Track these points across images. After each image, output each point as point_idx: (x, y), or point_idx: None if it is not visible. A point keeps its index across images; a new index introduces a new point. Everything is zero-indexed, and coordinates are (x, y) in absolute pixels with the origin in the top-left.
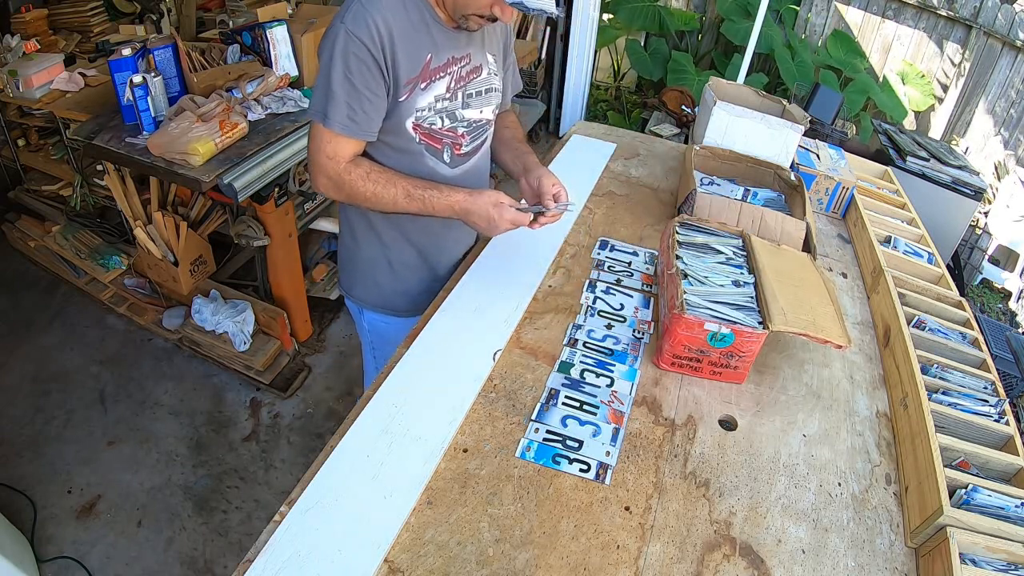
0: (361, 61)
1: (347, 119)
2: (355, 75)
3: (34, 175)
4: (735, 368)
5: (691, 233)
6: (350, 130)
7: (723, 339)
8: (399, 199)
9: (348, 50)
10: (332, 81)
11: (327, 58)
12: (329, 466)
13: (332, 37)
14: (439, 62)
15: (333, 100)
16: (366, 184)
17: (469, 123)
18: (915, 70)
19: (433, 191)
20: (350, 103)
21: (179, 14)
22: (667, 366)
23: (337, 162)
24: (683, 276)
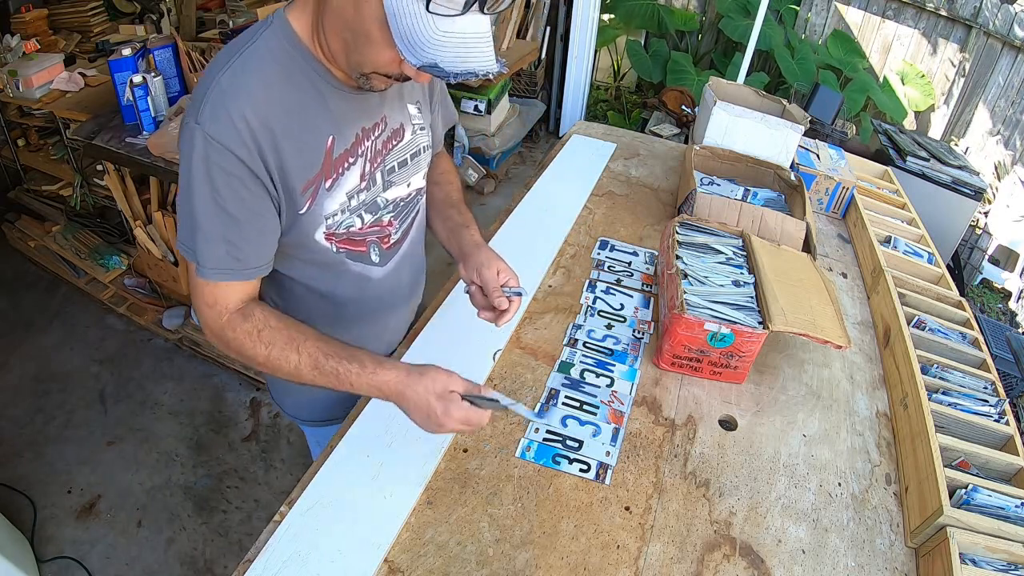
0: (231, 176)
1: (225, 257)
2: (226, 198)
3: (34, 175)
4: (735, 368)
5: (691, 233)
6: (230, 274)
7: (723, 339)
8: (303, 369)
9: (211, 161)
10: (196, 208)
11: (185, 171)
12: (329, 466)
13: (188, 142)
14: (345, 144)
15: (202, 235)
16: (256, 346)
17: (395, 204)
18: (915, 70)
19: (352, 364)
20: (227, 236)
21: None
22: (667, 366)
23: (219, 312)
24: (683, 276)
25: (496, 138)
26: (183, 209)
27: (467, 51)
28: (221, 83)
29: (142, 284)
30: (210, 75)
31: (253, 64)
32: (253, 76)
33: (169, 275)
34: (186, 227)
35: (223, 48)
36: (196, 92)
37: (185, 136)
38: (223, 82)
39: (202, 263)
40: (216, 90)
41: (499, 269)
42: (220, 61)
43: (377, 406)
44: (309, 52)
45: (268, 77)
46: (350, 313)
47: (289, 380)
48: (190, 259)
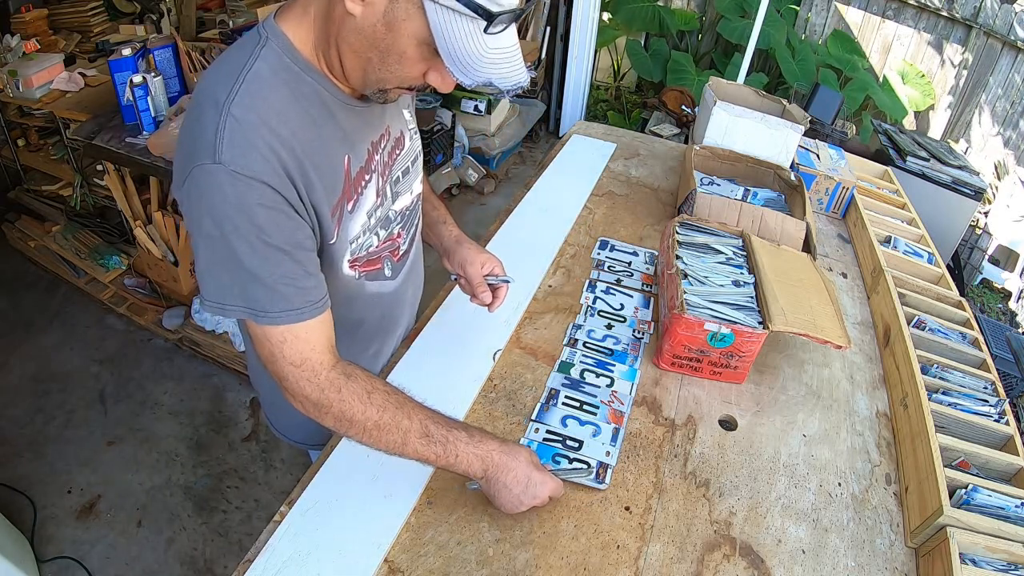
0: (272, 210)
1: (294, 297)
2: (272, 234)
3: (34, 175)
4: (735, 368)
5: (691, 233)
6: (305, 311)
7: (723, 339)
8: (411, 437)
9: (246, 200)
10: (241, 256)
11: (213, 223)
12: (329, 466)
13: (209, 188)
14: (360, 161)
15: (259, 283)
16: (368, 409)
17: (402, 215)
18: (915, 70)
19: (460, 432)
20: (286, 275)
21: (179, 14)
22: (667, 366)
23: (313, 370)
24: (683, 276)
25: (496, 138)
26: (220, 266)
27: (512, 65)
28: (234, 114)
29: (142, 284)
30: (211, 108)
31: (259, 89)
32: (265, 102)
33: (169, 275)
34: (232, 285)
35: (211, 72)
36: (198, 131)
37: (203, 183)
38: (235, 113)
39: (270, 311)
40: (231, 123)
41: (482, 262)
42: (219, 90)
43: None
44: (313, 67)
45: (279, 100)
46: (365, 332)
47: (387, 451)
48: (254, 317)
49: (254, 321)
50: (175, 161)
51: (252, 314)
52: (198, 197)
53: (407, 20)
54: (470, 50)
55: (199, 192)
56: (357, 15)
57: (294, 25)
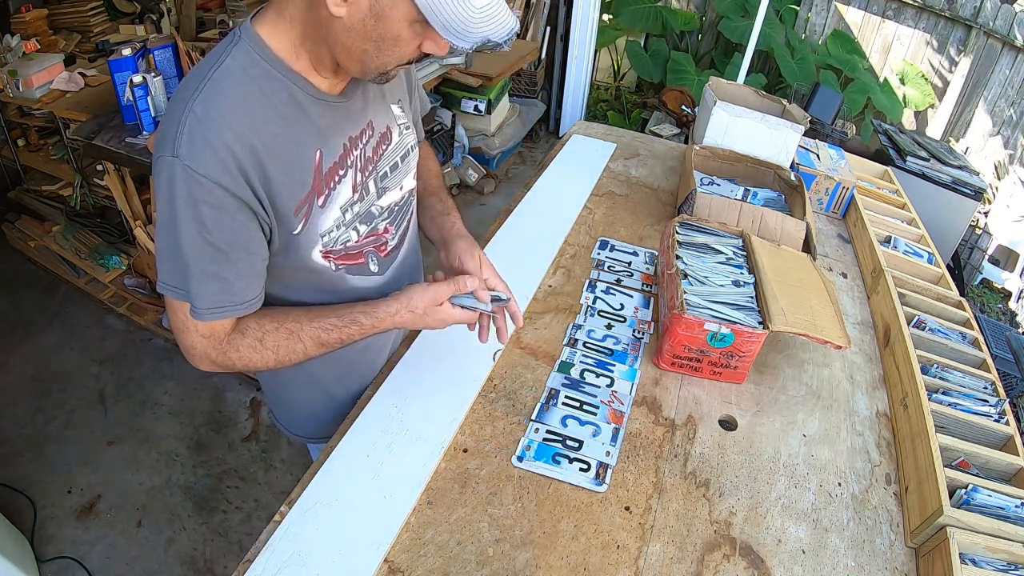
0: (218, 209)
1: (219, 295)
2: (214, 233)
3: (34, 175)
4: (735, 368)
5: (691, 233)
6: (224, 311)
7: (723, 339)
8: (310, 350)
9: (195, 197)
10: (183, 247)
11: (165, 209)
12: (329, 466)
13: (166, 177)
14: (333, 156)
15: (192, 274)
16: (264, 353)
17: (390, 210)
18: (915, 70)
19: (352, 328)
20: (218, 273)
21: (179, 14)
22: (667, 366)
23: (217, 339)
24: (683, 276)
25: (496, 138)
26: (165, 248)
27: (501, 17)
28: (195, 111)
29: (142, 284)
30: (180, 103)
31: (225, 85)
32: (228, 99)
33: None
34: (171, 267)
35: (190, 73)
36: (166, 124)
37: (162, 171)
38: (196, 109)
39: (196, 304)
40: (191, 119)
41: (482, 263)
42: (189, 86)
43: (377, 407)
44: (286, 65)
45: (244, 96)
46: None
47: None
48: (179, 299)
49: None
50: None
51: (182, 295)
52: (158, 186)
53: (394, 7)
54: (460, 15)
55: (159, 181)
56: (344, 16)
57: (268, 26)
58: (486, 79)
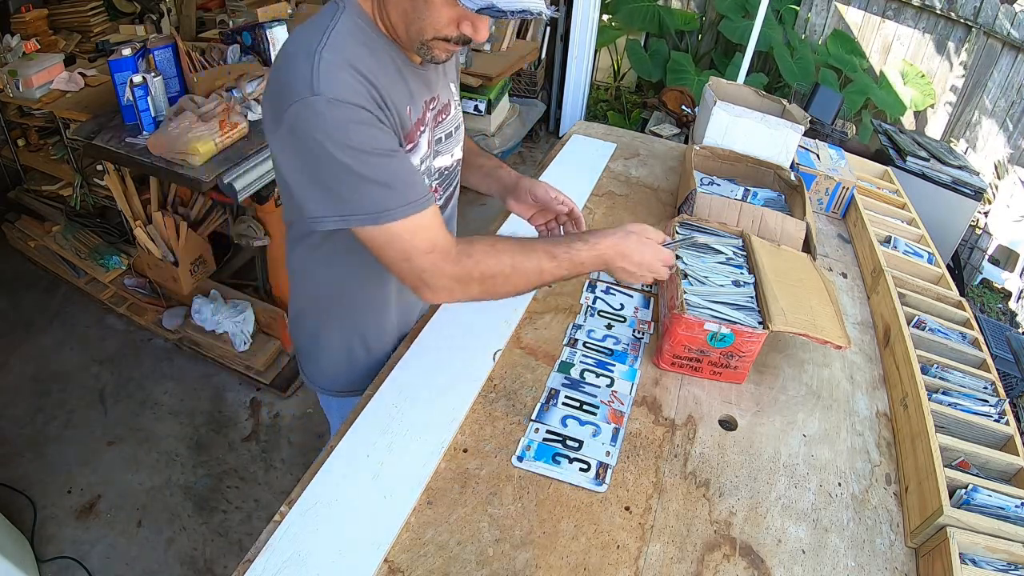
0: (369, 126)
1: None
2: (375, 146)
3: (34, 175)
4: (735, 368)
5: (691, 233)
6: (425, 201)
7: (723, 339)
8: (544, 264)
9: (345, 121)
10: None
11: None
12: (329, 466)
13: (310, 117)
14: (417, 113)
15: (376, 186)
16: (501, 257)
17: (440, 173)
18: (915, 70)
19: (576, 243)
20: (397, 173)
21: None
22: (667, 366)
23: (443, 251)
24: (683, 276)
25: (496, 138)
26: (335, 183)
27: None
28: (325, 56)
29: (142, 284)
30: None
31: (343, 42)
32: (350, 50)
33: (169, 275)
34: (348, 198)
35: (297, 33)
36: (291, 75)
37: (304, 114)
38: (326, 55)
39: (392, 208)
40: (323, 62)
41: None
42: (308, 41)
43: (377, 407)
44: (381, 31)
45: (359, 54)
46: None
47: (527, 287)
48: (381, 219)
49: (375, 224)
50: (267, 110)
51: (374, 218)
52: (303, 127)
53: None
54: None
55: (302, 123)
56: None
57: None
58: (486, 79)
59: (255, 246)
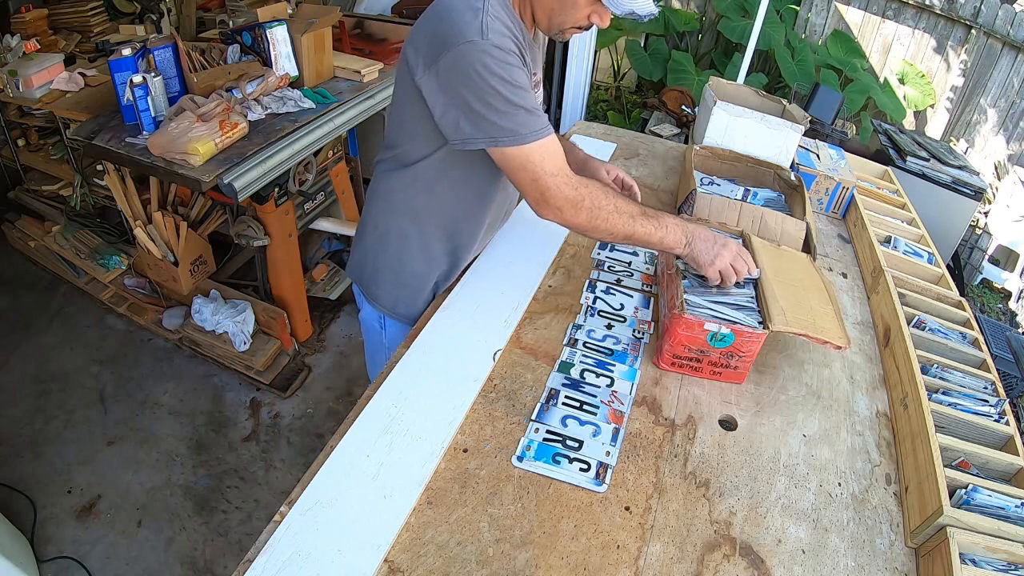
0: (519, 69)
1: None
2: (521, 79)
3: (34, 175)
4: (735, 368)
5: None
6: (549, 129)
7: (723, 339)
8: (636, 214)
9: (505, 62)
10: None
11: (484, 76)
12: (329, 466)
13: (479, 55)
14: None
15: (523, 113)
16: (608, 196)
17: None
18: (915, 70)
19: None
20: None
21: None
22: (667, 366)
23: (566, 176)
24: (683, 276)
25: None
26: (495, 106)
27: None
28: (489, 12)
29: (142, 284)
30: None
31: (497, 10)
32: (503, 17)
33: (169, 275)
34: (504, 118)
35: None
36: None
37: (472, 54)
38: (489, 18)
39: (536, 128)
40: (488, 18)
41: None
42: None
43: (377, 407)
44: (516, 15)
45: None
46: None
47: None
48: (521, 140)
49: (520, 144)
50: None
51: (521, 138)
52: (468, 63)
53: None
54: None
55: (469, 59)
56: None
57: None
58: None
59: (255, 246)
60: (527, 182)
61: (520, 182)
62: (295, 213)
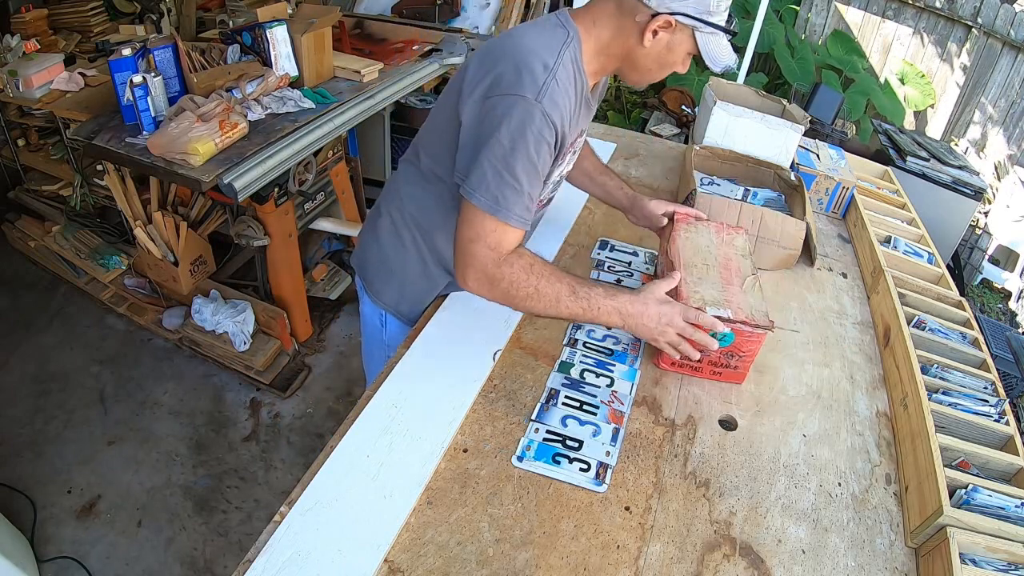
0: (549, 146)
1: (526, 209)
2: (541, 161)
3: (34, 175)
4: (735, 368)
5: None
6: (525, 222)
7: (723, 339)
8: (562, 296)
9: (541, 134)
10: (515, 165)
11: (513, 135)
12: (329, 466)
13: (523, 114)
14: (573, 137)
15: (512, 189)
16: (529, 278)
17: (562, 177)
18: (915, 70)
19: (597, 289)
20: (531, 193)
21: (179, 14)
22: (667, 366)
23: (499, 253)
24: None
25: None
26: (498, 167)
27: (731, 52)
28: (556, 78)
29: (142, 284)
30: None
31: (565, 75)
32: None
33: (169, 275)
34: (491, 180)
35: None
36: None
37: (516, 106)
38: (558, 78)
39: (509, 210)
40: (553, 82)
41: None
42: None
43: (377, 407)
44: (583, 69)
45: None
46: None
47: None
48: (487, 208)
49: (492, 214)
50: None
51: (494, 206)
52: (507, 115)
53: (683, 44)
54: (720, 52)
55: (511, 113)
56: (649, 46)
57: (583, 33)
58: None
59: (255, 246)
60: (464, 240)
61: (459, 236)
62: (295, 213)
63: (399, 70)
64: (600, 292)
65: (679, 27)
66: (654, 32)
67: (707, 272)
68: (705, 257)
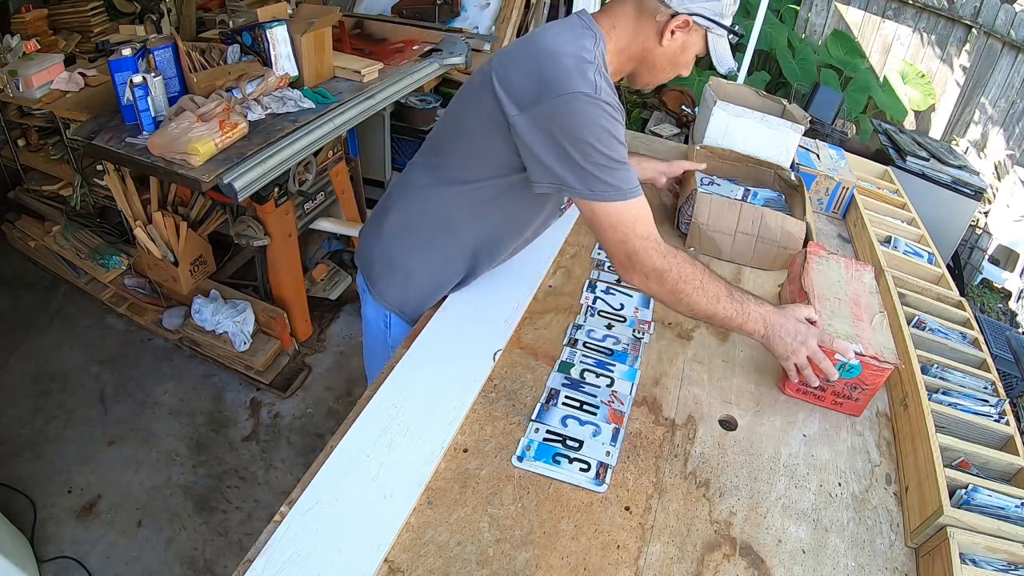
0: (620, 124)
1: (636, 180)
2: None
3: (34, 175)
4: (856, 400)
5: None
6: (640, 190)
7: (850, 370)
8: (722, 295)
9: (611, 118)
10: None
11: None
12: (329, 466)
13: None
14: None
15: (623, 168)
16: (694, 271)
17: None
18: (915, 70)
19: (747, 293)
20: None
21: (179, 14)
22: (792, 392)
23: (653, 240)
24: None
25: None
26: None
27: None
28: (601, 72)
29: (142, 284)
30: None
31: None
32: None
33: (169, 275)
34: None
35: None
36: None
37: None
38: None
39: (635, 186)
40: (599, 77)
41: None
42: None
43: (377, 407)
44: (606, 70)
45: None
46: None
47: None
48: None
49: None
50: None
51: (620, 193)
52: (576, 115)
53: (695, 45)
54: (725, 52)
55: (579, 112)
56: (666, 46)
57: (606, 33)
58: None
59: (255, 246)
60: (615, 243)
61: (608, 242)
62: (295, 213)
63: (399, 70)
64: (750, 297)
65: (694, 28)
66: (672, 32)
67: (839, 307)
68: (836, 292)
